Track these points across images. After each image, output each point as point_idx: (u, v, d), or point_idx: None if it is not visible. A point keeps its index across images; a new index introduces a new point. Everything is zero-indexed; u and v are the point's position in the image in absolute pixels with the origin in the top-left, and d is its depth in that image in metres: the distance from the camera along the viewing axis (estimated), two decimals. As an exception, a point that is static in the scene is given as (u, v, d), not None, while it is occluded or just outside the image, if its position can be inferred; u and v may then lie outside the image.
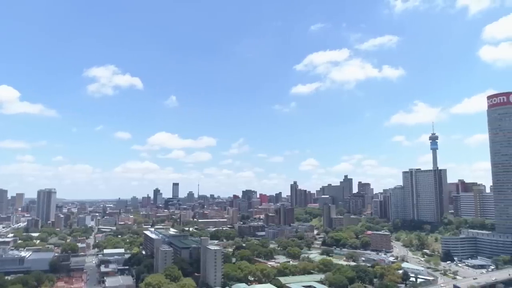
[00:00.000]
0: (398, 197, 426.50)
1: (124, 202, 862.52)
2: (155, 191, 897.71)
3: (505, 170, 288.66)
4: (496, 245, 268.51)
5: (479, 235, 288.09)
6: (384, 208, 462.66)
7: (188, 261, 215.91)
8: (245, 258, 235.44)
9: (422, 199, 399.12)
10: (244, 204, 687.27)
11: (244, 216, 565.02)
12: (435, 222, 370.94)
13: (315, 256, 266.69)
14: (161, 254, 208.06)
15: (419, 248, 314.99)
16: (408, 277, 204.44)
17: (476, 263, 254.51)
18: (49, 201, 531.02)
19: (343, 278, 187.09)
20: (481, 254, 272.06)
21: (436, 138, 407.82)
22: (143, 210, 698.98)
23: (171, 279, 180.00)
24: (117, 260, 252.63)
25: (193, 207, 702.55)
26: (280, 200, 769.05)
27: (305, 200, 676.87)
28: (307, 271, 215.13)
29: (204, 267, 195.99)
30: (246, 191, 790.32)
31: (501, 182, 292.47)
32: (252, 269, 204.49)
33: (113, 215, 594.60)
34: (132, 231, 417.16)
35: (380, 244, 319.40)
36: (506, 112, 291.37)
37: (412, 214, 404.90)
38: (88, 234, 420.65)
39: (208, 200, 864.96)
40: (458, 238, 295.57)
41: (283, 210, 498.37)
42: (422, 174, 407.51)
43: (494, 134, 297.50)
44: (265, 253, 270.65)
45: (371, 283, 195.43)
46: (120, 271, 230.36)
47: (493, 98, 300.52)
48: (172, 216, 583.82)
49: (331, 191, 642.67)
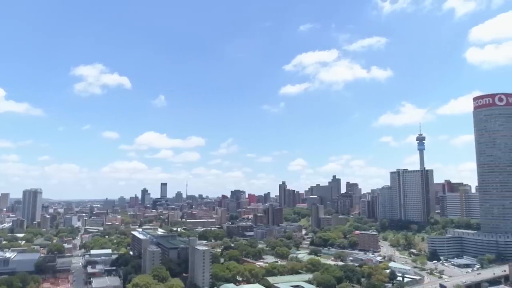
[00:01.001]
0: (386, 197, 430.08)
1: (112, 202, 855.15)
2: (143, 191, 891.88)
3: (490, 170, 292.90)
4: (481, 245, 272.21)
5: (465, 234, 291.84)
6: (372, 208, 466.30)
7: (176, 262, 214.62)
8: (234, 258, 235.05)
9: (409, 199, 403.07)
10: (233, 204, 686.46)
11: (232, 216, 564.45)
12: (422, 222, 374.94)
13: (304, 256, 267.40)
14: (148, 255, 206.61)
15: (406, 247, 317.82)
16: (395, 276, 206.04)
17: (462, 262, 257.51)
18: (34, 201, 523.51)
19: (331, 277, 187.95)
20: (467, 254, 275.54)
21: (423, 138, 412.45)
22: (131, 210, 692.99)
23: (159, 280, 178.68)
24: (104, 261, 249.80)
25: (182, 207, 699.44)
26: (269, 200, 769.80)
27: (293, 200, 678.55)
28: (296, 271, 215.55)
29: (192, 268, 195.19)
30: (235, 191, 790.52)
31: (486, 183, 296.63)
32: (241, 269, 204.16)
33: (100, 215, 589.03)
34: (120, 231, 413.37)
35: (367, 244, 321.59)
36: (492, 113, 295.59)
37: (399, 214, 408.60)
38: (75, 234, 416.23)
39: (196, 200, 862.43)
40: (444, 237, 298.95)
41: (272, 210, 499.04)
42: (409, 175, 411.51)
43: (480, 135, 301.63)
44: (253, 253, 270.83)
45: (358, 282, 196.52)
46: (107, 272, 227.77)
47: (479, 99, 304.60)
48: (160, 216, 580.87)
49: (319, 191, 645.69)
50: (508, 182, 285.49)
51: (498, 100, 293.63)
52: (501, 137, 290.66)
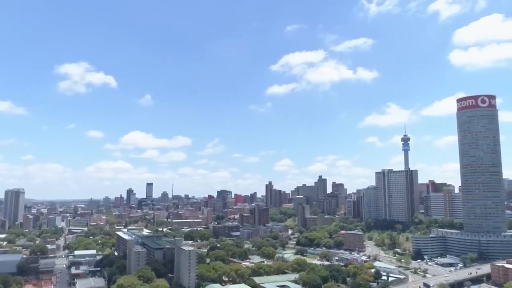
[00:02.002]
0: (371, 197, 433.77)
1: (96, 203, 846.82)
2: (128, 191, 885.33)
3: (473, 171, 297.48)
4: (464, 244, 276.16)
5: (448, 234, 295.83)
6: (357, 208, 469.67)
7: (162, 262, 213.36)
8: (220, 258, 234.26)
9: (394, 199, 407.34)
10: (219, 204, 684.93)
11: (219, 216, 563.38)
12: (407, 222, 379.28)
13: (290, 256, 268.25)
14: (134, 255, 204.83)
15: (391, 247, 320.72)
16: (380, 275, 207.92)
17: (445, 261, 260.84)
18: (17, 201, 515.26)
19: (317, 277, 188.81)
20: (450, 253, 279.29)
21: (408, 139, 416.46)
22: (116, 211, 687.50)
23: (144, 280, 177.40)
24: (89, 262, 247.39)
25: (167, 207, 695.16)
26: (255, 200, 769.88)
27: (280, 200, 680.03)
28: (282, 271, 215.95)
29: (178, 268, 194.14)
30: (221, 191, 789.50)
31: (469, 183, 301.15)
32: (227, 270, 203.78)
33: (85, 215, 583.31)
34: (104, 232, 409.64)
35: (353, 244, 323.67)
36: (475, 114, 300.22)
37: (384, 213, 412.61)
38: (58, 235, 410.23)
39: (182, 200, 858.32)
40: (428, 237, 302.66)
41: (258, 210, 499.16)
42: (394, 175, 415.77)
43: (463, 136, 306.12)
44: (239, 253, 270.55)
45: (344, 282, 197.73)
46: (91, 272, 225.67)
47: (462, 101, 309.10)
48: (145, 216, 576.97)
49: (305, 191, 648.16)
50: (490, 183, 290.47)
51: (481, 101, 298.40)
52: (483, 138, 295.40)
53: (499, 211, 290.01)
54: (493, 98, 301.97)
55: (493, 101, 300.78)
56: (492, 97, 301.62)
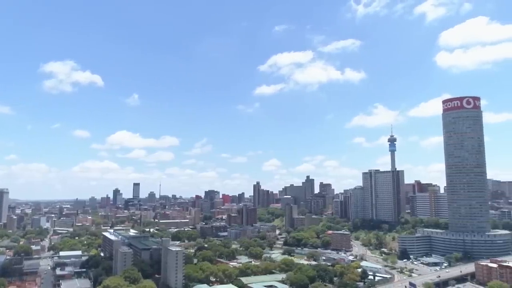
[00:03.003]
0: (358, 197, 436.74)
1: (82, 203, 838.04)
2: (115, 191, 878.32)
3: (458, 171, 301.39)
4: (449, 243, 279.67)
5: (434, 234, 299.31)
6: (345, 208, 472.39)
7: (149, 263, 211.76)
8: (207, 258, 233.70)
9: (381, 199, 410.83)
10: (207, 205, 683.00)
11: (206, 216, 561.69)
12: (393, 222, 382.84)
13: (277, 256, 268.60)
14: (120, 256, 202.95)
15: (378, 247, 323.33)
16: (367, 275, 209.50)
17: (431, 261, 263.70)
18: (0, 202, 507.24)
19: (304, 277, 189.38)
20: (435, 252, 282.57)
21: (394, 140, 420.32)
22: (102, 211, 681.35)
23: (131, 281, 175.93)
24: (74, 263, 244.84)
25: (154, 208, 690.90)
26: (243, 200, 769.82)
27: (267, 200, 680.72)
28: (269, 271, 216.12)
29: (165, 269, 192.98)
30: (209, 191, 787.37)
31: (454, 183, 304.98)
32: (214, 270, 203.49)
33: (70, 216, 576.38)
34: (90, 232, 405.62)
35: (340, 244, 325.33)
36: (460, 116, 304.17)
37: (371, 214, 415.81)
38: (43, 236, 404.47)
39: (169, 200, 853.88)
40: (414, 237, 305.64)
41: (246, 210, 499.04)
42: (381, 175, 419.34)
43: (448, 137, 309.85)
44: (227, 253, 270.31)
45: (331, 281, 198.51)
46: (77, 274, 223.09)
47: (448, 102, 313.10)
48: (132, 217, 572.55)
49: (293, 192, 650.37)
50: (475, 183, 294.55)
51: (466, 103, 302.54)
52: (468, 139, 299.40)
53: (483, 211, 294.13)
54: (478, 99, 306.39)
55: (477, 102, 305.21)
56: (477, 98, 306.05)
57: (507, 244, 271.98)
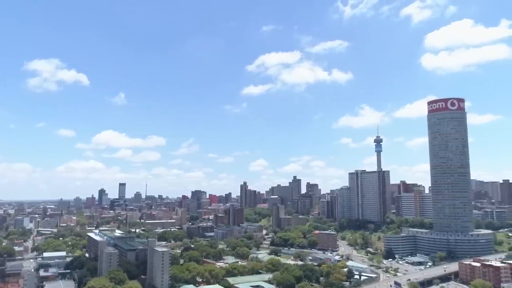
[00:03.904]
0: (344, 197, 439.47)
1: (67, 203, 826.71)
2: (100, 191, 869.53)
3: (442, 172, 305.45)
4: (433, 243, 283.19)
5: (418, 233, 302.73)
6: (331, 208, 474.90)
7: (135, 264, 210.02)
8: (193, 259, 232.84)
9: (367, 199, 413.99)
10: (193, 205, 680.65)
11: (193, 216, 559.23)
12: (379, 222, 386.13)
13: (264, 256, 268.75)
14: (105, 257, 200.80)
15: (363, 246, 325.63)
16: (353, 275, 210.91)
17: (415, 260, 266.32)
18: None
19: (291, 277, 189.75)
20: (420, 252, 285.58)
21: (380, 141, 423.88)
22: (87, 211, 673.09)
23: (116, 282, 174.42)
24: (58, 264, 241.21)
25: (140, 208, 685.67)
26: (230, 200, 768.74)
27: (254, 200, 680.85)
28: (256, 271, 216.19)
29: (151, 269, 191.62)
30: (196, 191, 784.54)
31: (438, 183, 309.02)
32: (200, 270, 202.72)
33: (55, 216, 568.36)
34: (75, 233, 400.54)
35: (326, 244, 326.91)
36: (445, 117, 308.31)
37: (357, 214, 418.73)
38: (27, 236, 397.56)
39: (156, 200, 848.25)
40: (399, 236, 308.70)
41: (233, 210, 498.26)
42: (367, 175, 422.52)
43: (433, 138, 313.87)
44: (213, 253, 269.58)
45: (317, 281, 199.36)
46: (61, 275, 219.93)
47: (433, 103, 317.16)
48: (118, 217, 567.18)
49: (280, 192, 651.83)
50: (459, 183, 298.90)
51: (451, 104, 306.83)
52: (453, 139, 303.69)
53: (467, 211, 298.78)
54: (462, 101, 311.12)
55: (462, 104, 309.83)
56: (461, 100, 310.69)
57: (489, 244, 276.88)
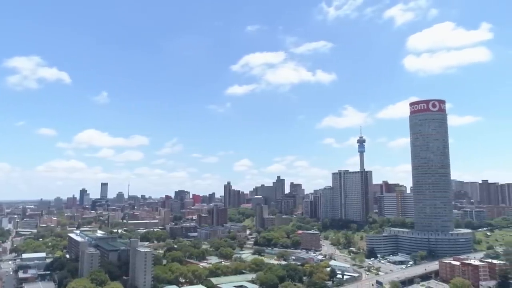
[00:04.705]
0: (328, 197, 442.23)
1: (47, 203, 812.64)
2: (82, 191, 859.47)
3: (423, 172, 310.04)
4: (415, 242, 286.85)
5: (400, 233, 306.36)
6: (314, 208, 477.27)
7: (117, 264, 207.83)
8: (177, 259, 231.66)
9: (350, 199, 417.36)
10: (177, 205, 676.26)
11: (176, 217, 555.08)
12: (361, 221, 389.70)
13: (247, 256, 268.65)
14: (86, 258, 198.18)
15: (346, 246, 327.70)
16: (335, 274, 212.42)
17: (397, 259, 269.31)
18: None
19: (274, 277, 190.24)
20: (402, 251, 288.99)
21: (363, 141, 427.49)
22: (68, 212, 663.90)
23: (97, 284, 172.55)
24: (38, 265, 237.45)
25: (123, 208, 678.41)
26: (214, 200, 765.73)
27: (238, 200, 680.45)
28: (239, 271, 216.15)
29: (133, 270, 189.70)
30: (179, 191, 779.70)
31: (420, 184, 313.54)
32: (183, 271, 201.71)
33: (34, 216, 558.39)
34: (55, 233, 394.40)
35: (310, 243, 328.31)
36: (426, 118, 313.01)
37: (340, 213, 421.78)
38: (5, 237, 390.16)
39: (139, 200, 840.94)
40: (381, 236, 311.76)
41: (216, 210, 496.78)
42: (350, 176, 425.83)
43: (415, 139, 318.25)
44: (197, 254, 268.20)
45: (300, 281, 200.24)
46: (40, 276, 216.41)
47: (415, 105, 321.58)
48: (99, 217, 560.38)
49: (264, 192, 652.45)
50: (439, 183, 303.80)
51: (432, 106, 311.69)
52: (434, 140, 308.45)
53: (447, 210, 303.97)
54: (443, 102, 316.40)
55: (443, 105, 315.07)
56: (442, 101, 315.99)
57: (469, 243, 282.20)
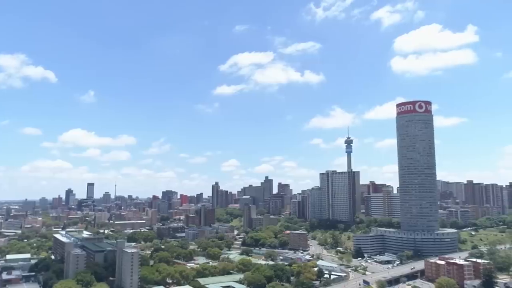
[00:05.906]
0: (315, 197, 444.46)
1: (32, 204, 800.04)
2: (67, 192, 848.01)
3: (410, 172, 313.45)
4: (401, 242, 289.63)
5: (387, 232, 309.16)
6: (302, 208, 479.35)
7: (103, 265, 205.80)
8: (164, 260, 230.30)
9: (337, 200, 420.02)
10: (164, 205, 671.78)
11: (163, 217, 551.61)
12: (348, 221, 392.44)
13: (235, 256, 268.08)
14: (72, 259, 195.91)
15: (333, 246, 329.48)
16: (323, 274, 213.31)
17: (384, 259, 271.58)
18: None
19: (262, 277, 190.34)
20: (388, 251, 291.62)
21: (351, 142, 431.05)
22: (54, 212, 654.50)
23: (83, 285, 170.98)
24: (22, 266, 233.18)
25: (109, 209, 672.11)
26: (201, 200, 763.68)
27: (226, 200, 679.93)
28: (227, 271, 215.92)
29: (120, 271, 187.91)
30: (167, 191, 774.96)
31: (406, 184, 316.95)
32: (171, 271, 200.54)
33: (19, 217, 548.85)
34: (41, 234, 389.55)
35: (297, 243, 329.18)
36: (412, 119, 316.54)
37: (327, 213, 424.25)
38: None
39: (125, 201, 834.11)
40: (368, 236, 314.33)
41: (204, 210, 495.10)
42: (338, 176, 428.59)
43: (402, 139, 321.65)
44: (184, 254, 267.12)
45: (288, 281, 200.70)
46: (25, 278, 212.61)
47: (402, 106, 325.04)
48: (86, 218, 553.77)
49: (252, 192, 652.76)
50: (425, 184, 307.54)
51: (418, 107, 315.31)
52: (420, 141, 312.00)
53: (433, 210, 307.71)
54: (429, 104, 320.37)
55: (429, 106, 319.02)
56: (428, 103, 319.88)
57: (454, 242, 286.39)
